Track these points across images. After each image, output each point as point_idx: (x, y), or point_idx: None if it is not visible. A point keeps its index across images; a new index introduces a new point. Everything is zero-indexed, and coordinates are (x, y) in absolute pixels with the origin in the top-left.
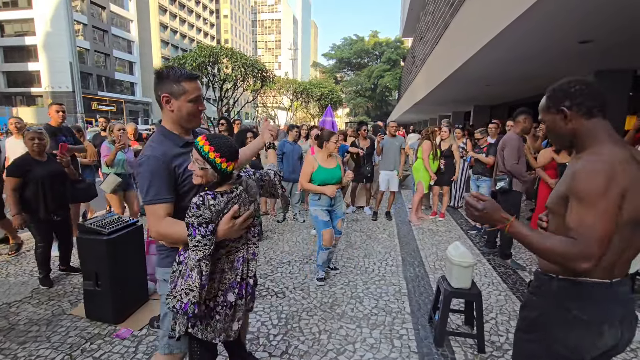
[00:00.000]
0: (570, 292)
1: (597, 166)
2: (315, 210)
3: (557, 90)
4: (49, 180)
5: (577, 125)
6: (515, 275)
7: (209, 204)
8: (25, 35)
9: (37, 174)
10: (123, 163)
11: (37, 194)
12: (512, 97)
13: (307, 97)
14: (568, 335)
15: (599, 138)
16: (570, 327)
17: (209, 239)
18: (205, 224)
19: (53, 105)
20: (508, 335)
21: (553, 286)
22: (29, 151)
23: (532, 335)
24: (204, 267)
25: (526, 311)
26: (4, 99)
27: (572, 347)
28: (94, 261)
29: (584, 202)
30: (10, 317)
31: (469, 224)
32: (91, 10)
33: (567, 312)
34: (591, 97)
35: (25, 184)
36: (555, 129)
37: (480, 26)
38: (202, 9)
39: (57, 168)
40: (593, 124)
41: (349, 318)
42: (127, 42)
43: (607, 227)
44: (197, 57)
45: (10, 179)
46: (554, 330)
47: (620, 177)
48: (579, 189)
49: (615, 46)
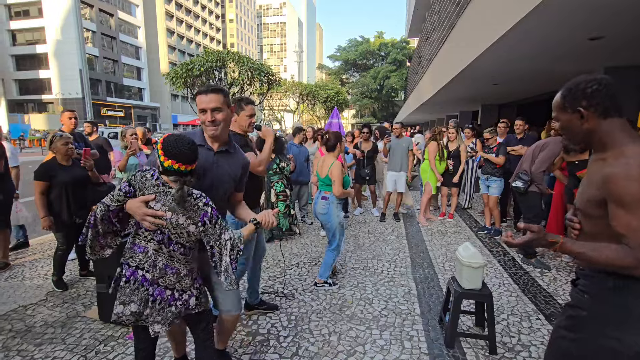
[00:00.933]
0: (633, 290)
1: (633, 171)
2: (339, 217)
3: (574, 89)
4: (72, 185)
5: (594, 125)
6: (526, 276)
7: (144, 175)
8: (37, 43)
9: (62, 179)
10: (136, 167)
11: (61, 197)
12: (521, 96)
13: (313, 100)
14: (625, 332)
15: (619, 138)
16: (628, 324)
17: (119, 196)
18: (128, 185)
19: (66, 112)
20: (520, 336)
21: (609, 285)
22: (62, 155)
23: (578, 334)
24: (98, 211)
25: (574, 310)
26: (17, 106)
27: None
28: (107, 264)
29: (629, 207)
30: (26, 319)
31: (479, 224)
32: (100, 18)
33: (628, 311)
34: (608, 97)
35: (50, 187)
36: (571, 129)
37: (487, 25)
38: (208, 13)
39: (81, 172)
40: (610, 123)
41: (359, 320)
42: (135, 48)
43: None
44: (204, 62)
45: (38, 183)
46: (608, 328)
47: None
48: (621, 194)
49: (626, 42)
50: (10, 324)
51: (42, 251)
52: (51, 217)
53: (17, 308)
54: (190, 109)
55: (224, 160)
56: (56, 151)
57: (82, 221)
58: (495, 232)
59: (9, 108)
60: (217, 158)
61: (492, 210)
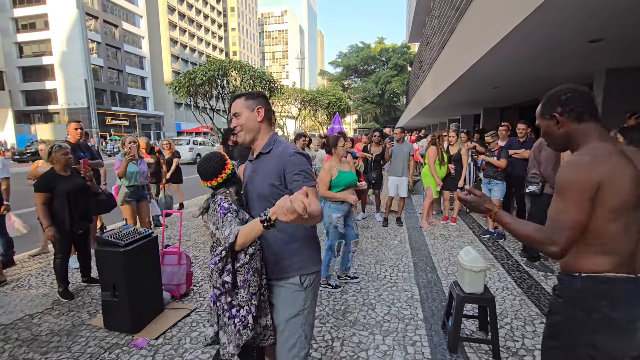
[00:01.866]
0: (596, 289)
1: (572, 160)
2: (338, 219)
3: (551, 97)
4: (74, 193)
5: (569, 129)
6: (530, 280)
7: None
8: (43, 55)
9: (63, 189)
10: (136, 175)
11: (63, 206)
12: (523, 99)
13: (315, 106)
14: (596, 337)
15: (589, 138)
16: (599, 327)
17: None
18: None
19: (72, 123)
20: (524, 340)
21: (577, 285)
22: (61, 166)
23: (556, 341)
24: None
25: (551, 316)
26: (23, 117)
27: (607, 349)
28: (111, 272)
29: (557, 193)
30: (32, 328)
31: (482, 228)
32: (104, 29)
33: (594, 312)
34: (581, 104)
35: (51, 198)
36: (550, 133)
37: (487, 29)
38: (211, 23)
39: (80, 182)
40: (584, 127)
41: (362, 325)
42: (139, 58)
43: (573, 216)
44: (207, 70)
45: (39, 195)
46: (580, 332)
47: (597, 169)
48: (556, 181)
49: (627, 44)
50: (17, 333)
51: (49, 261)
52: (54, 226)
53: (23, 317)
54: (193, 116)
55: (260, 165)
56: (56, 161)
57: (83, 232)
58: (498, 236)
59: (16, 119)
60: (255, 166)
61: None
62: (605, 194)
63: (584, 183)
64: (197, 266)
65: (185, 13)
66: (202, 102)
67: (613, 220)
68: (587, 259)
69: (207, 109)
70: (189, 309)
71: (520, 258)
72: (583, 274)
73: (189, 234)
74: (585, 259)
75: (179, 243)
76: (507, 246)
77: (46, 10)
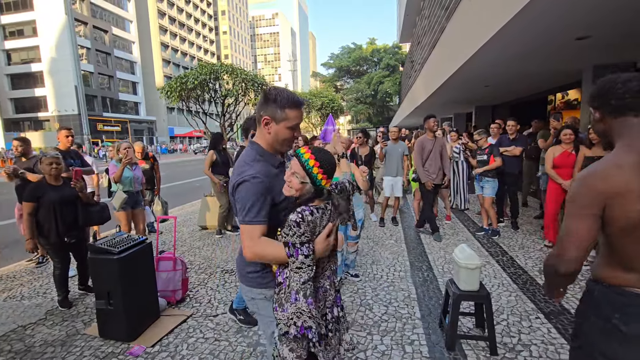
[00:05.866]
0: (611, 299)
1: (582, 173)
2: None
3: (595, 88)
4: (60, 204)
5: (607, 123)
6: (525, 275)
7: (307, 220)
8: (32, 62)
9: (50, 199)
10: (131, 181)
11: (49, 218)
12: (514, 97)
13: (307, 107)
14: (608, 345)
15: (621, 139)
16: (609, 336)
17: (311, 258)
18: (307, 243)
19: (62, 130)
20: (520, 336)
21: (595, 292)
22: (48, 176)
23: (576, 342)
24: (309, 289)
25: (575, 317)
26: (13, 124)
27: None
28: (105, 280)
29: (566, 206)
30: (25, 339)
31: (476, 225)
32: (94, 34)
33: (607, 322)
34: (618, 96)
35: (37, 208)
36: (594, 127)
37: (476, 28)
38: (202, 26)
39: (71, 192)
40: (620, 122)
41: (359, 326)
42: (130, 63)
43: (578, 231)
44: (198, 75)
45: (27, 204)
46: (595, 338)
47: (606, 182)
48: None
49: (613, 41)
50: (10, 345)
51: (41, 271)
52: (36, 239)
53: (16, 328)
54: (186, 121)
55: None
56: (43, 172)
57: (74, 240)
58: (492, 233)
59: (5, 127)
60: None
61: (487, 210)
62: (614, 209)
63: (589, 195)
64: (192, 272)
65: (175, 17)
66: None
67: (628, 236)
68: (610, 271)
69: (199, 112)
70: (185, 315)
71: (515, 255)
72: (603, 283)
73: (184, 240)
74: (608, 270)
75: (174, 249)
76: (502, 243)
77: (34, 16)
